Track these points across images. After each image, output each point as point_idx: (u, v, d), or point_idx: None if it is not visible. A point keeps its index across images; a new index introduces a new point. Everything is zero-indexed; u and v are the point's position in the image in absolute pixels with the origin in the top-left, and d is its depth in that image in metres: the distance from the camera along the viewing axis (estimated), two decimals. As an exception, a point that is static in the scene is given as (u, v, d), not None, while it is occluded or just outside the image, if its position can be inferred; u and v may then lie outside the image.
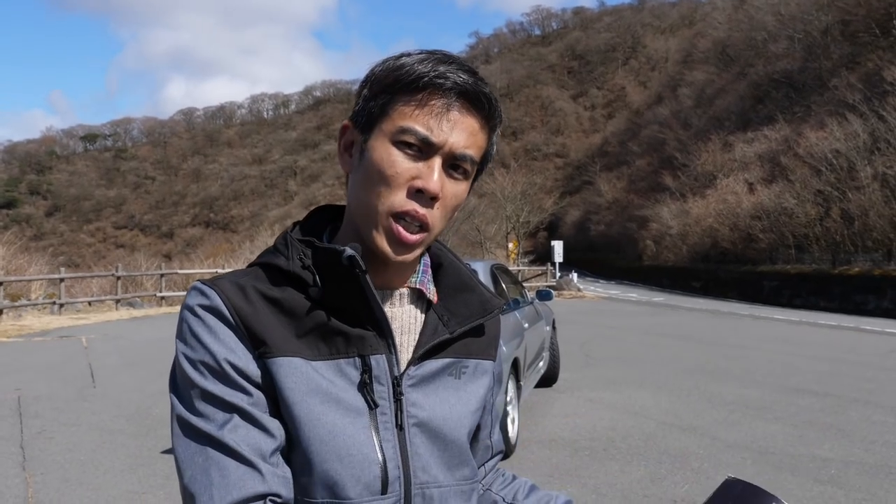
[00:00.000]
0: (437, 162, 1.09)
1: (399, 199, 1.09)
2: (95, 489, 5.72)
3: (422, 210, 1.09)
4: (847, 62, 50.10)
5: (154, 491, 5.67)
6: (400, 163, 1.08)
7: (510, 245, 49.03)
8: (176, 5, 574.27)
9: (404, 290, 1.22)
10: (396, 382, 1.14)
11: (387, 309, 1.19)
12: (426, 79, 1.08)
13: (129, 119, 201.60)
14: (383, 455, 1.11)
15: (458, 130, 1.09)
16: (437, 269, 1.27)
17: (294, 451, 1.09)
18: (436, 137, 1.08)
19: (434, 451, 1.17)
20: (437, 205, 1.10)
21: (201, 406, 1.05)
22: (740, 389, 9.89)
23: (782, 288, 36.21)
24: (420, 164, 1.09)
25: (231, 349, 1.07)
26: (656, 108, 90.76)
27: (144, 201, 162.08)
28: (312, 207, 1.30)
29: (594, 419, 8.16)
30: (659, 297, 37.22)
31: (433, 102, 1.08)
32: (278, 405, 1.08)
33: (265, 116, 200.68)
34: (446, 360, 1.21)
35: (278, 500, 1.04)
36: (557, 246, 39.65)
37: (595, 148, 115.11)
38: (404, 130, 1.08)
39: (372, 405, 1.12)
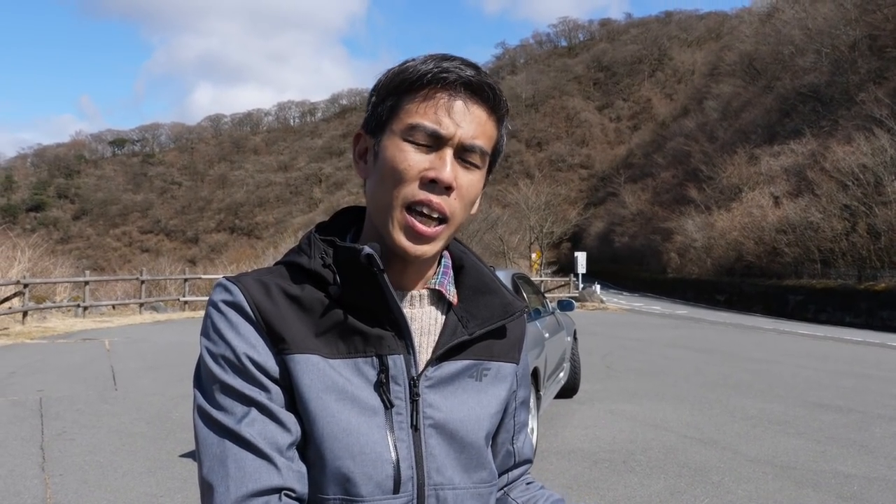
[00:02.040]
0: (448, 153, 1.10)
1: (412, 190, 1.10)
2: (114, 492, 5.74)
3: (437, 199, 1.10)
4: (875, 77, 49.67)
5: (172, 494, 5.68)
6: (412, 156, 1.10)
7: (533, 255, 48.95)
8: (206, 12, 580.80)
9: (424, 292, 1.22)
10: (413, 383, 1.15)
11: (406, 310, 1.20)
12: (430, 75, 1.10)
13: (157, 124, 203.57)
14: (397, 455, 1.11)
15: (466, 121, 1.11)
16: (459, 271, 1.27)
17: (308, 446, 1.11)
18: (444, 130, 1.09)
19: (450, 452, 1.17)
20: (453, 195, 1.11)
21: (221, 399, 1.08)
22: (763, 404, 9.79)
23: (807, 302, 35.88)
24: (432, 157, 1.10)
25: (251, 345, 1.09)
26: (682, 120, 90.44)
27: (170, 206, 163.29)
28: (338, 209, 1.31)
29: (614, 431, 8.10)
30: (682, 310, 36.99)
31: (438, 96, 1.10)
32: (295, 401, 1.10)
33: (291, 124, 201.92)
34: (466, 362, 1.21)
35: (293, 494, 1.06)
36: (580, 257, 39.53)
37: (620, 159, 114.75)
38: (413, 127, 1.10)
39: (388, 405, 1.12)
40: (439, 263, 1.25)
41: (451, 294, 1.24)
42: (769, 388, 11.21)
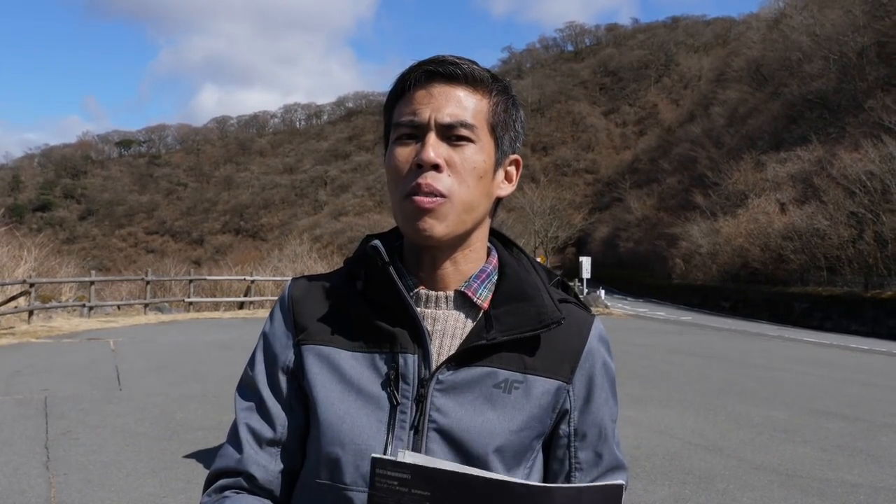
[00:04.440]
0: (430, 136, 1.14)
1: (408, 180, 1.15)
2: (117, 491, 5.74)
3: (426, 180, 1.13)
4: (883, 84, 49.58)
5: (175, 495, 5.67)
6: (401, 152, 1.16)
7: (538, 260, 48.95)
8: (213, 13, 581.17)
9: (451, 293, 1.22)
10: (421, 384, 1.15)
11: (431, 310, 1.21)
12: (405, 80, 1.19)
13: (163, 126, 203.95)
14: (388, 451, 1.12)
15: (439, 103, 1.15)
16: (501, 277, 1.26)
17: (313, 430, 1.19)
18: (419, 117, 1.15)
19: (454, 461, 1.13)
20: (445, 173, 1.14)
21: (244, 383, 1.27)
22: (768, 411, 9.75)
23: (813, 310, 35.75)
24: (417, 146, 1.15)
25: (276, 335, 1.25)
26: (688, 126, 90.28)
27: (176, 207, 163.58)
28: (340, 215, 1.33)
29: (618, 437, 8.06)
30: (687, 316, 36.91)
31: (411, 93, 1.17)
32: (303, 387, 1.21)
33: (297, 126, 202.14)
34: (486, 370, 1.17)
35: (254, 479, 1.19)
36: (585, 262, 39.48)
37: (625, 165, 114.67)
38: (397, 126, 1.18)
39: (394, 402, 1.14)
40: (475, 266, 1.25)
41: (480, 298, 1.22)
42: (774, 395, 11.17)
